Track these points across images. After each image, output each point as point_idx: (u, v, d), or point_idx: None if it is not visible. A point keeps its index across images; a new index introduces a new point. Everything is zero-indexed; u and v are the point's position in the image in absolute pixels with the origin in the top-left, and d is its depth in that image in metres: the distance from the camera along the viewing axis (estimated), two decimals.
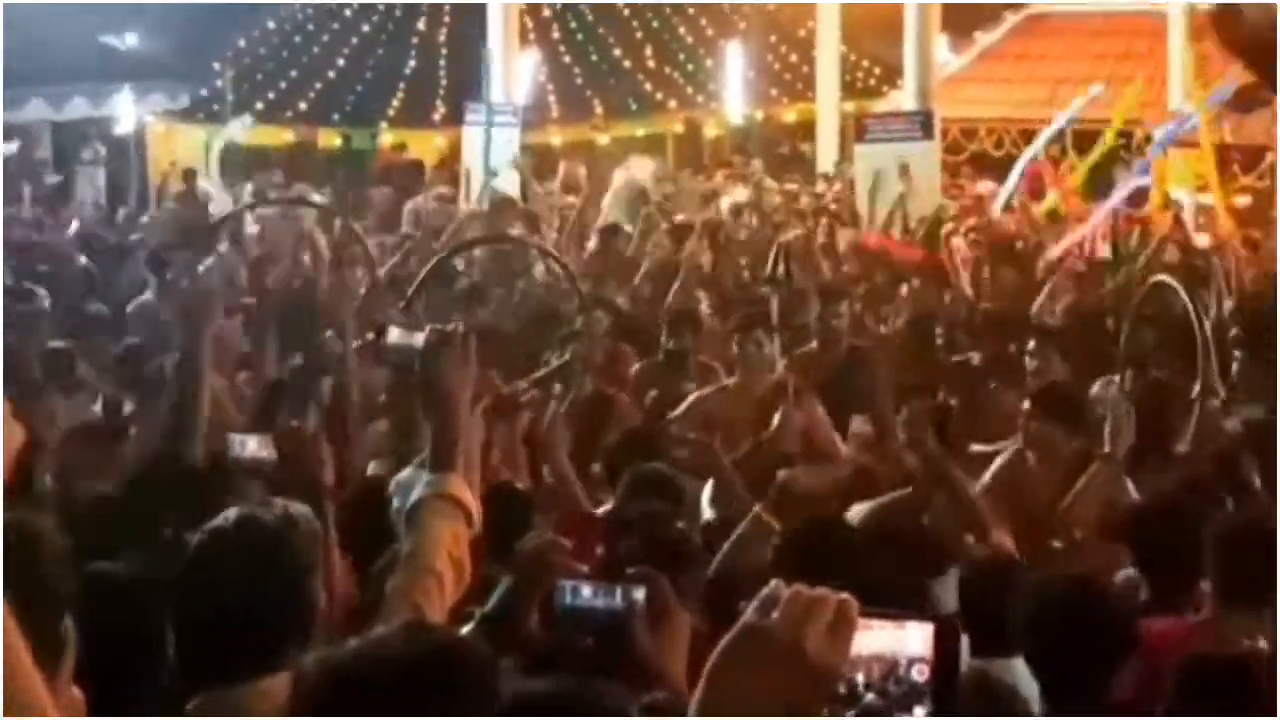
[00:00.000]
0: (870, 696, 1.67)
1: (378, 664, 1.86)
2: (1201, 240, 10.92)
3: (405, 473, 2.89)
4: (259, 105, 18.72)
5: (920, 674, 1.67)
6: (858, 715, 1.66)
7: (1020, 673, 3.64)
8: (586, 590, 2.55)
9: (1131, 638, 3.63)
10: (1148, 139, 14.94)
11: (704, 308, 9.06)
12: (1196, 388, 6.36)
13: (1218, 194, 11.52)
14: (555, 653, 2.69)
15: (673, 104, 20.77)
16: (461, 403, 2.93)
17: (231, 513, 2.57)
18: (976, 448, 6.00)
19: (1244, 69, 12.41)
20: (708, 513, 5.26)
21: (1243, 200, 13.99)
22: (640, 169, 15.28)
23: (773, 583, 1.59)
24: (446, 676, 1.87)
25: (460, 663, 1.91)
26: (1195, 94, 14.84)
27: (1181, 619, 4.11)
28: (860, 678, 1.67)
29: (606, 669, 2.62)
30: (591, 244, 11.28)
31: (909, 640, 1.68)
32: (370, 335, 5.61)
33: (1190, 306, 6.90)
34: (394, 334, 3.00)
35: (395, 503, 2.77)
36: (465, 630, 2.65)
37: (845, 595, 1.57)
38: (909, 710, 1.67)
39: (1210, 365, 6.48)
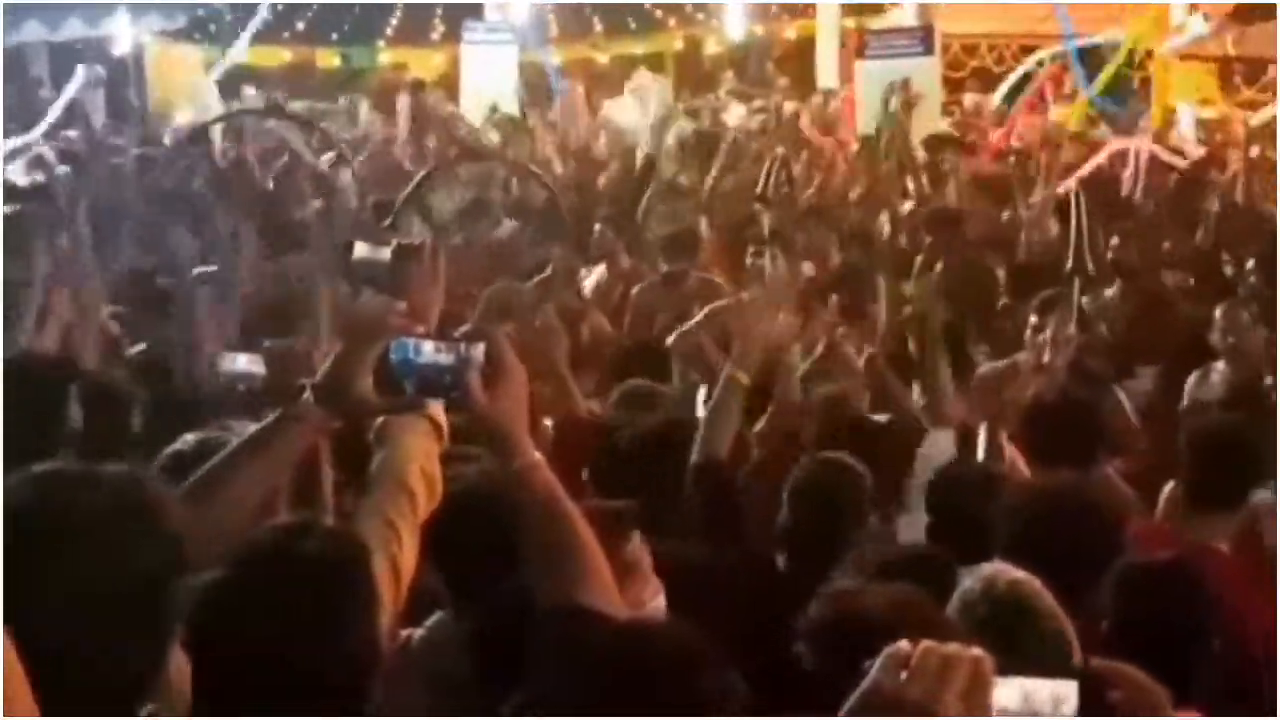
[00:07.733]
0: None
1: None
2: (1196, 152, 10.86)
3: None
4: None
5: None
6: None
7: None
8: (428, 346, 2.42)
9: (1118, 543, 3.58)
10: (1149, 54, 14.84)
11: (704, 228, 9.09)
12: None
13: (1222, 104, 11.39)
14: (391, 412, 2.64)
15: (672, 22, 20.60)
16: (430, 317, 2.94)
17: None
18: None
19: None
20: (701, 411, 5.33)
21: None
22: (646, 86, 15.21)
23: (900, 643, 1.53)
24: None
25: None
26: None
27: (1151, 522, 4.17)
28: None
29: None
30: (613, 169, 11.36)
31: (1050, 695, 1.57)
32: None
33: (1075, 205, 7.05)
34: (360, 249, 2.95)
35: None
36: (299, 402, 2.57)
37: (978, 652, 1.48)
38: None
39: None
